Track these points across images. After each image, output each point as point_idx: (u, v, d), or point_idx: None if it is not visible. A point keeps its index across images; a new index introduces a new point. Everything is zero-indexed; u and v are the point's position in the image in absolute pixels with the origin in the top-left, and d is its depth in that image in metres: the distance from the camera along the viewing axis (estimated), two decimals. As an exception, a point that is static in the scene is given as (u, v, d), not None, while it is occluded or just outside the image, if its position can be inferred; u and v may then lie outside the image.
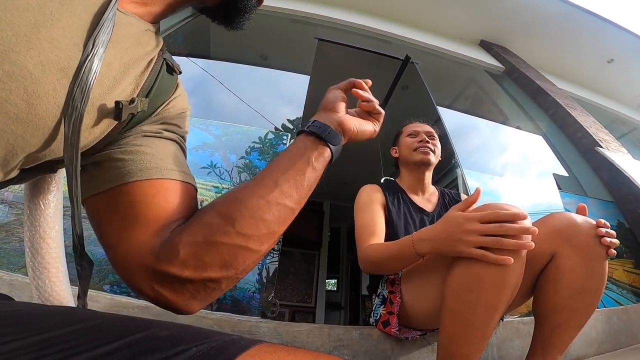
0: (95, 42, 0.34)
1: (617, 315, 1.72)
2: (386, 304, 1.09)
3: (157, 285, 0.35)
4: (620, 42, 4.60)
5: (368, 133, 0.51)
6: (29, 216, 0.50)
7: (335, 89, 0.53)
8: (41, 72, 0.31)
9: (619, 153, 2.92)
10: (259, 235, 0.38)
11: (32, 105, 0.31)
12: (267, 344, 0.26)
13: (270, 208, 0.39)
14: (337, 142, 0.46)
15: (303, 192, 0.42)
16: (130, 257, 0.36)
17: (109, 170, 0.39)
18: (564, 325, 0.82)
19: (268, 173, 0.41)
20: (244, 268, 0.38)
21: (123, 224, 0.37)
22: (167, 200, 0.39)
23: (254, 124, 2.24)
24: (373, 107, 0.52)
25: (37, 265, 0.49)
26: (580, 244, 0.79)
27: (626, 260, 2.31)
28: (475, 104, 4.22)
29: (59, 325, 0.26)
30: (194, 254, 0.35)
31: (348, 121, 0.48)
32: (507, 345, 1.25)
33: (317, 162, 0.43)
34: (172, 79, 0.48)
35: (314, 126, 0.46)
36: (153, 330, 0.27)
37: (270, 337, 1.13)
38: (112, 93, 0.38)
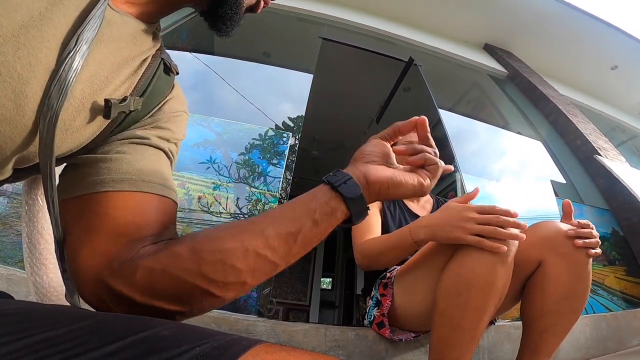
0: (79, 39, 0.33)
1: (605, 321, 1.75)
2: (380, 306, 1.11)
3: (106, 297, 0.34)
4: (625, 48, 4.59)
5: (408, 191, 0.41)
6: (27, 211, 0.50)
7: (377, 138, 0.46)
8: (29, 72, 0.31)
9: (617, 161, 2.93)
10: (225, 283, 0.34)
11: (20, 106, 0.31)
12: (267, 344, 0.26)
13: (247, 257, 0.35)
14: (354, 194, 0.38)
15: (294, 248, 0.36)
16: (87, 266, 0.35)
17: (84, 176, 0.38)
18: (551, 330, 0.84)
19: (261, 217, 0.37)
20: (200, 308, 0.35)
21: (86, 234, 0.36)
22: (136, 215, 0.37)
23: (255, 121, 2.25)
24: (422, 161, 0.43)
25: (34, 261, 0.50)
26: (566, 251, 0.82)
27: (618, 268, 2.33)
28: (476, 108, 4.22)
29: (60, 324, 0.26)
30: (148, 280, 0.33)
31: (376, 171, 0.40)
32: (498, 349, 1.27)
33: (322, 216, 0.37)
34: (168, 79, 0.48)
35: (333, 175, 0.39)
36: (155, 330, 0.26)
37: (267, 336, 1.14)
38: (103, 92, 0.37)
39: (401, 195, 0.41)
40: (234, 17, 0.48)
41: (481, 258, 0.74)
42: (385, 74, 3.63)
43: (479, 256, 0.74)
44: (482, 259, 0.74)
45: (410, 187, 0.41)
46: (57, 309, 0.31)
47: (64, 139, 0.36)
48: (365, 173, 0.40)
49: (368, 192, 0.40)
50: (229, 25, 0.49)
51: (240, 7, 0.48)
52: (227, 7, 0.47)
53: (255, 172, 1.93)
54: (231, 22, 0.49)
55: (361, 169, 0.41)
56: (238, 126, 2.10)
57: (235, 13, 0.48)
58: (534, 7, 4.17)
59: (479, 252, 0.74)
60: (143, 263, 0.34)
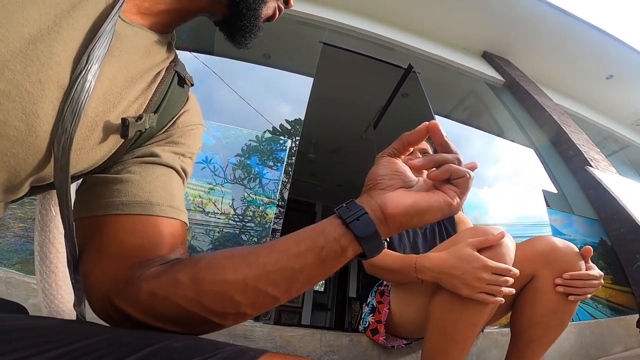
0: (90, 57, 0.32)
1: (590, 329, 1.79)
2: (375, 313, 1.13)
3: (115, 315, 0.35)
4: (621, 58, 4.63)
5: (435, 212, 0.34)
6: (39, 221, 0.52)
7: (384, 156, 0.39)
8: (39, 90, 0.30)
9: (608, 173, 2.99)
10: (224, 313, 0.34)
11: (32, 126, 0.30)
12: (272, 353, 0.27)
13: (247, 291, 0.33)
14: (368, 233, 0.33)
15: (296, 285, 0.34)
16: (96, 287, 0.36)
17: (97, 197, 0.39)
18: (538, 341, 0.88)
19: (264, 250, 0.35)
20: (201, 331, 0.35)
21: (98, 255, 0.37)
22: (144, 237, 0.38)
23: (252, 123, 2.25)
24: (448, 174, 0.35)
25: (44, 269, 0.51)
26: (559, 267, 0.85)
27: (605, 277, 2.38)
28: (473, 115, 4.27)
29: (75, 339, 0.26)
30: (150, 304, 0.33)
31: (396, 201, 0.34)
32: (486, 356, 1.31)
33: (330, 254, 0.34)
34: (182, 92, 0.46)
35: (346, 209, 0.35)
36: (167, 342, 0.27)
37: (265, 341, 1.16)
38: (117, 109, 0.37)
39: (427, 222, 0.35)
40: (253, 29, 0.47)
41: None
42: (384, 79, 3.66)
43: None
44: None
45: (438, 210, 0.34)
46: (72, 324, 0.32)
47: (78, 158, 0.36)
48: (382, 205, 0.35)
49: (387, 226, 0.35)
50: (247, 37, 0.48)
51: (259, 19, 0.47)
52: (245, 20, 0.45)
53: (251, 174, 1.95)
54: (250, 34, 0.47)
55: (377, 200, 0.35)
56: (237, 131, 2.11)
57: (254, 25, 0.46)
58: (533, 15, 4.21)
59: None
60: (146, 287, 0.34)
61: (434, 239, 1.26)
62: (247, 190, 1.86)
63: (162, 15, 0.43)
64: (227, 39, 0.49)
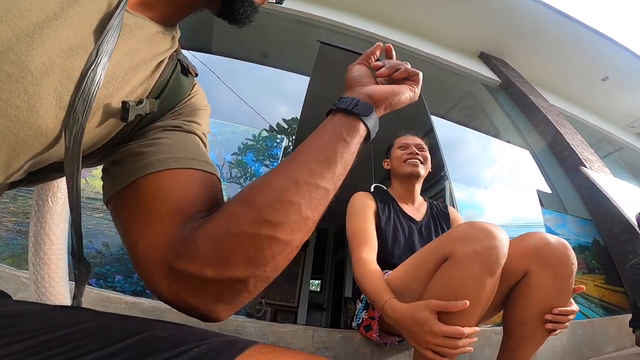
0: (99, 50, 0.33)
1: (582, 328, 1.81)
2: (368, 309, 1.13)
3: (176, 285, 0.32)
4: (616, 60, 4.68)
5: (406, 98, 0.46)
6: (36, 212, 0.52)
7: (356, 65, 0.49)
8: (43, 72, 0.30)
9: (602, 173, 3.02)
10: (289, 222, 0.33)
11: (34, 107, 0.30)
12: (262, 345, 0.26)
13: (299, 189, 0.34)
14: (369, 112, 0.41)
15: (336, 170, 0.37)
16: (149, 255, 0.33)
17: (127, 165, 0.38)
18: (529, 338, 0.87)
19: (295, 154, 0.37)
20: (274, 265, 0.33)
21: (143, 220, 0.35)
22: (188, 190, 0.37)
23: (249, 122, 2.26)
24: (406, 73, 0.47)
25: (38, 261, 0.51)
26: (552, 263, 0.85)
27: (598, 276, 2.41)
28: (469, 116, 4.29)
29: (60, 326, 0.26)
30: (214, 250, 0.31)
31: (379, 90, 0.44)
32: (479, 354, 1.31)
33: (350, 136, 0.39)
34: (187, 80, 0.47)
35: (341, 102, 0.42)
36: (154, 331, 0.27)
37: (257, 337, 1.16)
38: (120, 93, 0.37)
39: (401, 104, 0.46)
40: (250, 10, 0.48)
41: (470, 270, 0.77)
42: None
43: (469, 268, 0.77)
44: (471, 271, 0.77)
45: (407, 97, 0.46)
46: (55, 310, 0.32)
47: None
48: (369, 94, 0.43)
49: (377, 108, 0.43)
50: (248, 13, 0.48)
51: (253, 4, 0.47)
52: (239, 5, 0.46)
53: (247, 173, 1.95)
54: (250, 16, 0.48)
55: (363, 91, 0.44)
56: (233, 128, 2.11)
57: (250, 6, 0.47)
58: (530, 16, 4.24)
59: (469, 264, 0.77)
60: (203, 234, 0.32)
61: (429, 236, 1.27)
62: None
63: (164, 7, 0.44)
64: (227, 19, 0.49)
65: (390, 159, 1.44)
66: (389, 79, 0.48)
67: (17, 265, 1.23)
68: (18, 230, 1.32)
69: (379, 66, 0.48)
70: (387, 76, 0.47)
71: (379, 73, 0.47)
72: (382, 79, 0.49)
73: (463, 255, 0.78)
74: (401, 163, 1.36)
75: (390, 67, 0.47)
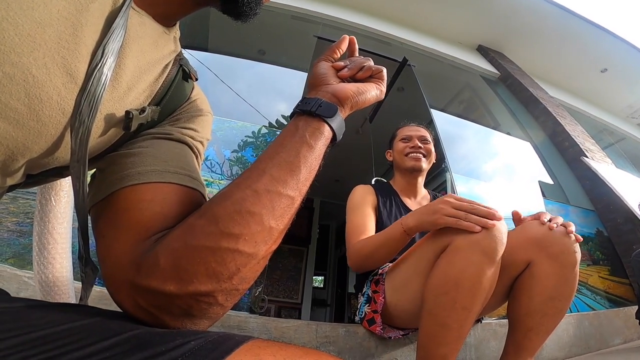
0: (105, 50, 0.32)
1: (588, 320, 1.80)
2: (370, 302, 1.13)
3: (142, 301, 0.31)
4: (615, 51, 4.67)
5: (372, 97, 0.45)
6: (39, 211, 0.52)
7: (321, 61, 0.47)
8: (45, 74, 0.29)
9: (604, 163, 3.01)
10: (251, 234, 0.32)
11: (34, 110, 0.30)
12: (260, 339, 0.26)
13: (260, 198, 0.33)
14: (333, 113, 0.39)
15: (300, 175, 0.35)
16: (115, 271, 0.32)
17: (109, 175, 0.37)
18: (536, 329, 0.87)
19: (256, 162, 0.36)
20: (240, 277, 0.32)
21: (113, 234, 0.34)
22: (163, 205, 0.35)
23: (248, 119, 2.25)
24: (369, 72, 0.46)
25: (42, 260, 0.51)
26: (555, 252, 0.84)
27: (602, 267, 2.41)
28: (468, 109, 4.28)
29: (59, 322, 0.26)
30: (175, 264, 0.30)
31: (343, 89, 0.42)
32: (484, 346, 1.31)
33: (314, 139, 0.37)
34: (187, 85, 0.46)
35: (304, 104, 0.40)
36: (151, 328, 0.27)
37: (259, 332, 1.16)
38: (124, 101, 0.36)
39: (367, 102, 0.45)
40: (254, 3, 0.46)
41: (470, 257, 0.76)
42: (380, 73, 3.66)
43: (468, 255, 0.77)
44: (470, 258, 0.76)
45: (373, 96, 0.45)
46: (56, 307, 0.32)
47: None
48: (334, 93, 0.42)
49: (342, 108, 0.42)
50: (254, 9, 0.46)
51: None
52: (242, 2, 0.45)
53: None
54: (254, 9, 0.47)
55: (328, 90, 0.42)
56: (231, 124, 2.10)
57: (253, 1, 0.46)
58: (528, 8, 4.23)
59: (468, 251, 0.77)
60: (162, 248, 0.31)
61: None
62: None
63: (166, 5, 0.43)
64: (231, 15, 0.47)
65: (393, 150, 1.42)
66: (353, 78, 0.46)
67: (18, 265, 1.22)
68: (19, 231, 1.32)
69: (341, 67, 0.46)
70: (350, 77, 0.46)
71: (340, 74, 0.45)
72: None
73: (462, 244, 0.78)
74: (403, 156, 1.35)
75: (353, 67, 0.46)
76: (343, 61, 0.47)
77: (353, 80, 0.46)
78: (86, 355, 0.23)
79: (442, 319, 0.79)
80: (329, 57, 0.48)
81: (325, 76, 0.44)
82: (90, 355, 0.23)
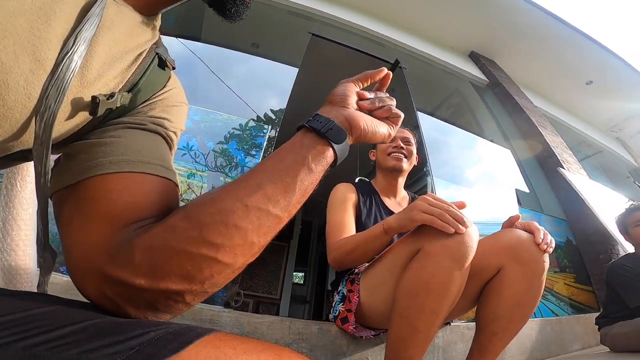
0: (77, 38, 0.33)
1: (550, 326, 1.88)
2: (345, 301, 1.15)
3: (108, 291, 0.31)
4: (602, 64, 4.76)
5: (380, 136, 0.45)
6: (4, 196, 0.51)
7: (348, 82, 0.46)
8: (13, 61, 0.30)
9: (578, 175, 3.11)
10: (232, 246, 0.32)
11: (1, 96, 0.30)
12: (222, 333, 0.26)
13: (248, 214, 0.33)
14: (342, 140, 0.39)
15: (293, 198, 0.35)
16: (84, 257, 0.32)
17: (78, 162, 0.36)
18: (500, 334, 0.91)
19: (252, 173, 0.36)
20: (212, 283, 0.32)
21: (83, 222, 0.33)
22: (136, 196, 0.35)
23: (236, 112, 2.23)
24: (388, 113, 0.46)
25: (5, 247, 0.50)
26: (525, 260, 0.87)
27: (568, 275, 2.51)
28: (455, 114, 4.34)
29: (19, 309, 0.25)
30: (150, 260, 0.30)
31: (357, 118, 0.42)
32: (452, 349, 1.35)
33: (315, 163, 0.37)
34: (162, 74, 0.46)
35: (315, 121, 0.39)
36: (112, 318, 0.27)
37: (232, 327, 1.16)
38: (93, 87, 0.36)
39: (374, 139, 0.44)
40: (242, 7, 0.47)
41: (440, 262, 0.79)
42: (370, 73, 3.67)
43: (439, 260, 0.79)
44: (441, 263, 0.79)
45: (382, 135, 0.45)
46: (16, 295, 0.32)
47: None
48: (349, 119, 0.41)
49: (350, 136, 0.42)
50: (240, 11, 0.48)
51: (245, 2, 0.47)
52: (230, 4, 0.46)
53: (232, 162, 1.93)
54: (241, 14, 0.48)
55: (343, 113, 0.41)
56: (216, 116, 2.08)
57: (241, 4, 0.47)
58: (523, 18, 4.28)
59: (439, 256, 0.79)
60: (140, 242, 0.31)
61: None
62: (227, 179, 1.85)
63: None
64: (218, 13, 0.48)
65: (376, 150, 1.44)
66: (370, 112, 0.46)
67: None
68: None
69: (365, 97, 0.45)
70: (368, 110, 0.45)
71: (360, 104, 0.45)
72: None
73: (433, 249, 0.81)
74: (385, 156, 1.37)
75: (375, 102, 0.45)
76: (369, 92, 0.47)
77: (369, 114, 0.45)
78: (43, 341, 0.23)
79: (412, 321, 0.81)
80: (359, 81, 0.47)
81: (347, 98, 0.44)
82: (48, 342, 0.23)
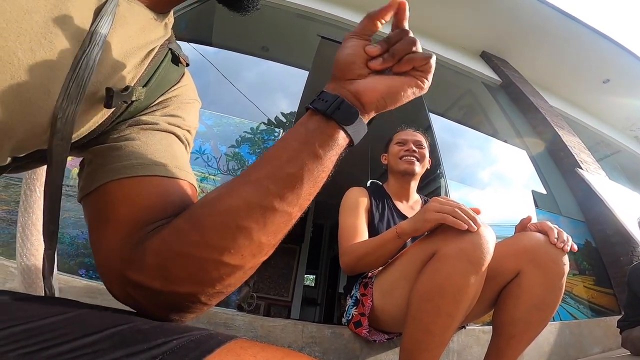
0: (93, 36, 0.33)
1: (569, 329, 1.83)
2: (358, 305, 1.14)
3: (132, 292, 0.32)
4: (618, 62, 4.63)
5: (407, 97, 0.36)
6: (24, 202, 0.52)
7: (352, 39, 0.37)
8: (30, 58, 0.30)
9: (597, 175, 3.03)
10: (237, 247, 0.31)
11: (19, 93, 0.30)
12: (243, 339, 0.26)
13: (252, 212, 0.31)
14: (352, 120, 0.34)
15: (302, 190, 0.32)
16: (107, 261, 0.33)
17: (97, 168, 0.37)
18: (518, 337, 0.89)
19: (254, 167, 0.34)
20: (225, 284, 0.32)
21: (104, 225, 0.34)
22: (151, 199, 0.35)
23: (248, 115, 2.25)
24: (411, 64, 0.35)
25: (25, 252, 0.51)
26: (544, 263, 0.86)
27: (587, 277, 2.44)
28: (467, 115, 4.28)
29: (43, 316, 0.26)
30: (159, 264, 0.31)
31: (368, 89, 0.35)
32: (467, 352, 1.33)
33: (324, 148, 0.33)
34: (176, 69, 0.46)
35: (320, 100, 0.34)
36: (134, 324, 0.27)
37: (246, 330, 1.17)
38: (108, 82, 0.36)
39: (399, 103, 0.36)
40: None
41: (456, 265, 0.78)
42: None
43: (454, 263, 0.78)
44: (457, 266, 0.78)
45: (410, 92, 0.36)
46: (39, 300, 0.32)
47: None
48: (356, 94, 0.35)
49: (365, 111, 0.35)
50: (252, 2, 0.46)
51: None
52: None
53: (244, 166, 1.95)
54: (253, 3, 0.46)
55: (350, 89, 0.35)
56: (229, 120, 2.10)
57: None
58: (534, 16, 4.20)
59: (455, 259, 0.78)
60: (149, 246, 0.31)
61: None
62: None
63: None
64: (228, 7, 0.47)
65: (388, 153, 1.43)
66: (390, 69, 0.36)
67: (7, 254, 1.22)
68: (9, 220, 1.31)
69: (374, 54, 0.35)
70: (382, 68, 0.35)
71: (371, 65, 0.35)
72: None
73: (449, 252, 0.80)
74: (397, 159, 1.36)
75: (390, 57, 0.35)
76: (380, 42, 0.36)
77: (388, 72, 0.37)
78: (67, 350, 0.23)
79: (426, 325, 0.80)
80: (366, 30, 0.37)
81: (351, 66, 0.35)
82: (72, 351, 0.23)
